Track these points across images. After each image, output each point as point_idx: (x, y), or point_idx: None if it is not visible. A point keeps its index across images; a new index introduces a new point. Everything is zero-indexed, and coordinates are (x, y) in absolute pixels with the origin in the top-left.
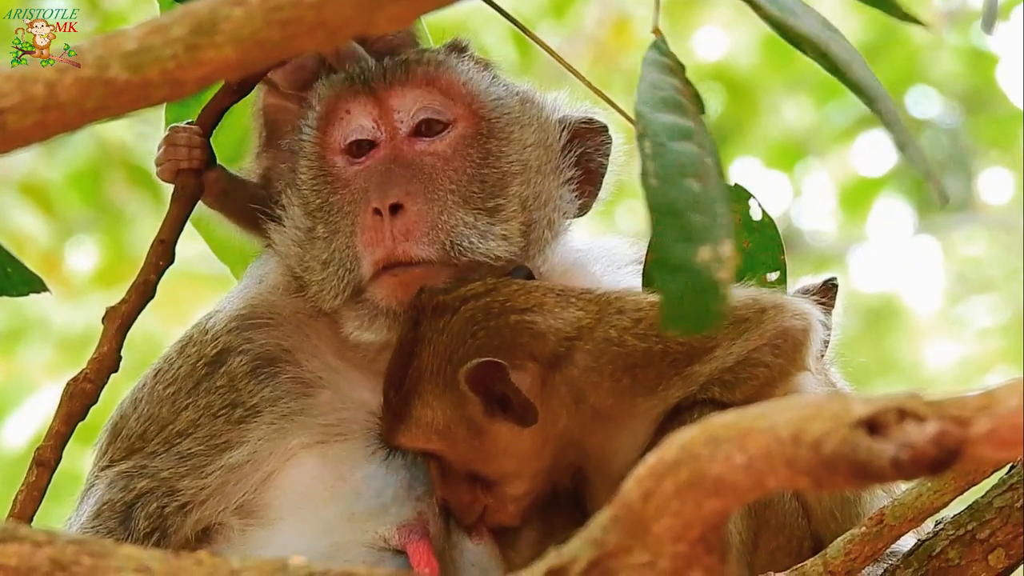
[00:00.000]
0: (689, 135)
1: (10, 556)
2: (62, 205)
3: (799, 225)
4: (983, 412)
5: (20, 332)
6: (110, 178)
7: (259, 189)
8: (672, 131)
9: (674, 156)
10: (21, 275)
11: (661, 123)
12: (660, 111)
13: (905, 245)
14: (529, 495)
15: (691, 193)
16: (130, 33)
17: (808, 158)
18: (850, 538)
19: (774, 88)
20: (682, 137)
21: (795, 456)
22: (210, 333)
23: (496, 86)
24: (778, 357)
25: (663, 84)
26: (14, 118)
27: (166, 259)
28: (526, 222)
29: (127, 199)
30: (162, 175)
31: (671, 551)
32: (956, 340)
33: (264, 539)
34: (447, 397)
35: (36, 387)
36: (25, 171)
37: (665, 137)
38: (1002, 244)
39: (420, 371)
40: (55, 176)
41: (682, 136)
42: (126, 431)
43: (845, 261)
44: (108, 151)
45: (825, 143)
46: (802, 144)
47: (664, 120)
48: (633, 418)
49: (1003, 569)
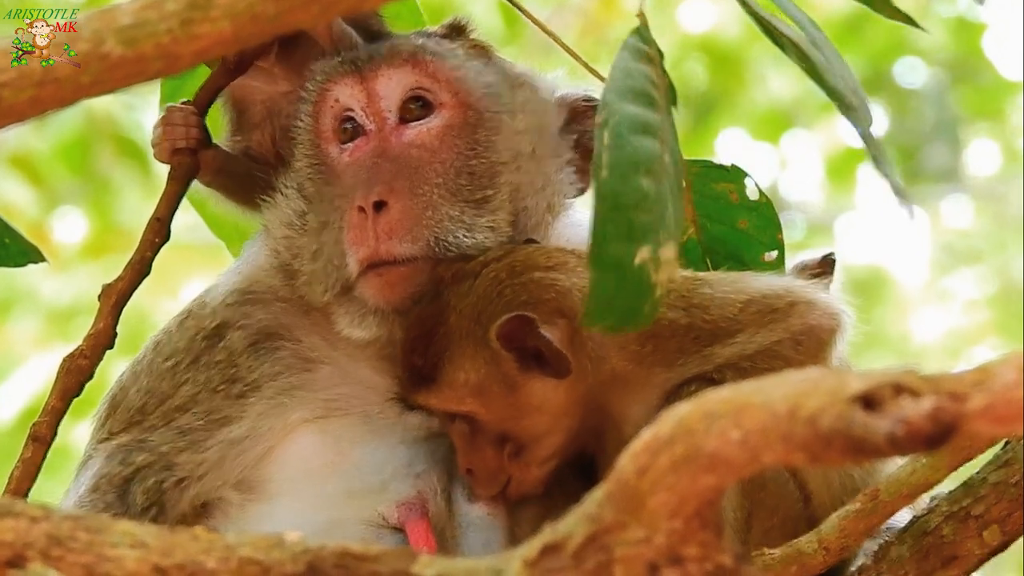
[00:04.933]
0: (652, 130)
1: (6, 531)
2: (50, 176)
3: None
4: (979, 387)
5: (8, 303)
6: (98, 149)
7: (252, 165)
8: (634, 124)
9: (631, 150)
10: (18, 245)
11: (624, 114)
12: (627, 101)
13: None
14: (554, 459)
15: (640, 191)
16: (125, 7)
17: (794, 129)
18: (845, 514)
19: (760, 59)
20: (643, 132)
21: (791, 431)
22: (208, 307)
23: (487, 72)
24: (799, 353)
25: (636, 73)
26: (9, 93)
27: (162, 236)
28: (515, 210)
29: (115, 170)
30: (159, 155)
31: (666, 527)
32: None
33: (263, 514)
34: (480, 356)
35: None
36: (14, 143)
37: (626, 129)
38: (989, 215)
39: (448, 335)
40: (43, 147)
41: (644, 131)
42: (125, 404)
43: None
44: (96, 123)
45: (811, 114)
46: (788, 115)
47: (629, 111)
48: (648, 388)
49: (997, 545)
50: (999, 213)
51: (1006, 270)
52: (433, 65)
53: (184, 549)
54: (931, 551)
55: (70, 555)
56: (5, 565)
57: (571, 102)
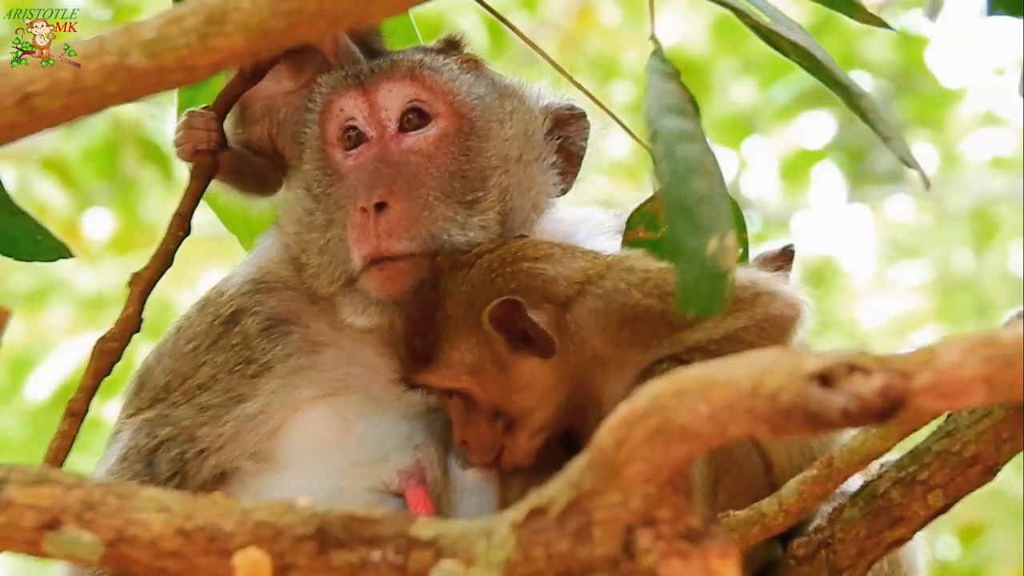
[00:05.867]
0: (692, 138)
1: (44, 497)
2: (80, 177)
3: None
4: (925, 366)
5: (44, 294)
6: (124, 153)
7: (257, 160)
8: (678, 135)
9: (682, 157)
10: (49, 242)
11: (669, 128)
12: (666, 116)
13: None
14: (543, 432)
15: (697, 190)
16: (148, 23)
17: (753, 134)
18: (802, 479)
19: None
20: (686, 140)
21: (754, 406)
22: (225, 295)
23: (479, 84)
24: (763, 339)
25: (666, 91)
26: (43, 101)
27: (184, 230)
28: (504, 210)
29: (139, 172)
30: (181, 155)
31: (641, 492)
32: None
33: (275, 482)
34: (474, 338)
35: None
36: (47, 147)
37: (673, 140)
38: (929, 211)
39: (445, 319)
40: (74, 151)
41: (686, 139)
42: (150, 383)
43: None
44: (122, 129)
45: (768, 121)
46: (748, 121)
47: (671, 125)
48: (625, 367)
49: (940, 507)
50: (938, 210)
51: (945, 261)
52: (430, 79)
53: (205, 513)
54: (880, 513)
55: (101, 518)
56: (43, 527)
57: (555, 110)
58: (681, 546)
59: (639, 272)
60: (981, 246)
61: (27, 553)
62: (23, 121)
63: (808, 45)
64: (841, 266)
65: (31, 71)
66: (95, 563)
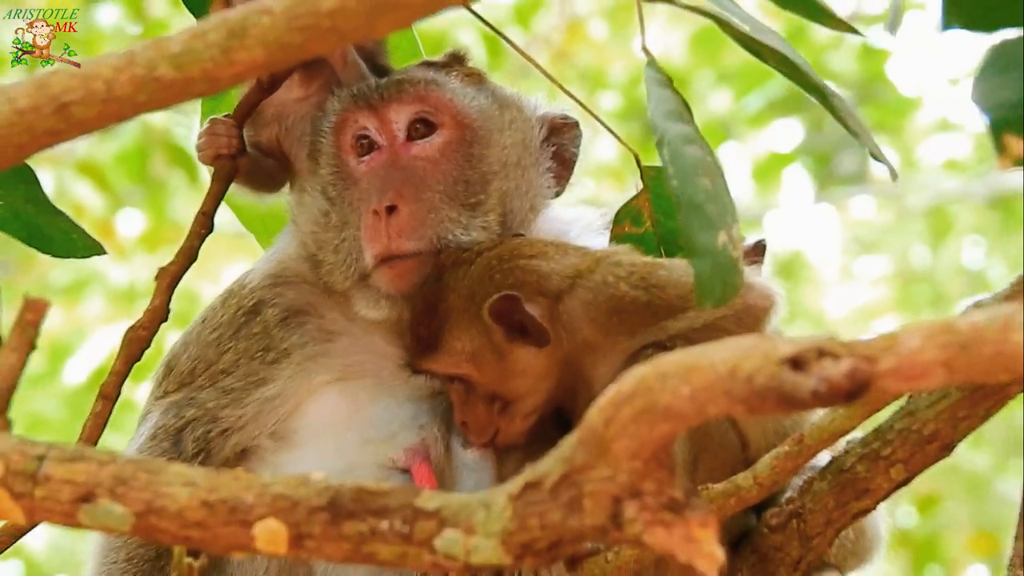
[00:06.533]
0: (693, 140)
1: (79, 473)
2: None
3: None
4: (888, 351)
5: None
6: (153, 158)
7: (270, 162)
8: (682, 137)
9: (687, 158)
10: (84, 240)
11: (673, 132)
12: (670, 121)
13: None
14: (535, 414)
15: (704, 189)
16: (175, 38)
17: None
18: (775, 455)
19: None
20: (689, 142)
21: (731, 388)
22: (247, 288)
23: (480, 96)
24: (739, 327)
25: (666, 97)
26: (79, 110)
27: (207, 228)
28: (504, 212)
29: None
30: (203, 159)
31: (628, 467)
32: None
33: (292, 459)
34: (474, 328)
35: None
36: (83, 152)
37: (679, 143)
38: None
39: (448, 311)
40: (107, 156)
41: (689, 141)
42: (177, 368)
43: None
44: (152, 135)
45: (742, 127)
46: (724, 128)
47: (675, 129)
48: (612, 353)
49: (902, 480)
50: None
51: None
52: (435, 92)
53: (227, 487)
54: (847, 485)
55: (132, 492)
56: (79, 500)
57: (550, 120)
58: (664, 516)
59: (626, 266)
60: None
61: (64, 524)
62: (61, 128)
63: (786, 51)
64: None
65: (67, 81)
66: (126, 532)
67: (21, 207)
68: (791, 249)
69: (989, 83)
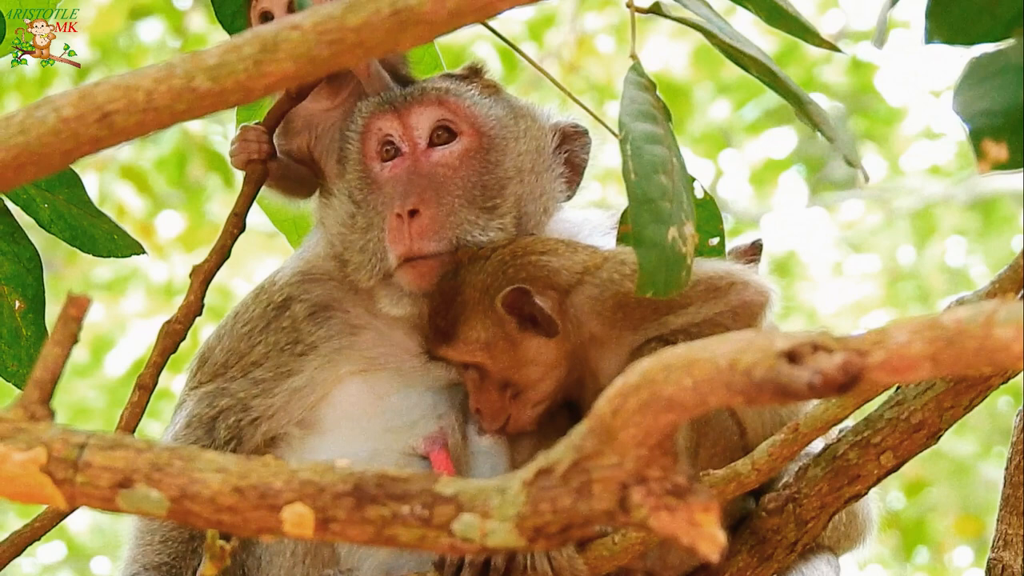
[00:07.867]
0: (659, 140)
1: (118, 460)
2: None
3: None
4: (878, 345)
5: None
6: (192, 163)
7: (301, 169)
8: (647, 137)
9: (649, 157)
10: (125, 240)
11: (639, 131)
12: (638, 121)
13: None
14: (544, 403)
15: (661, 186)
16: (211, 51)
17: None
18: (772, 443)
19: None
20: (654, 142)
21: (731, 380)
22: (277, 284)
23: (497, 106)
24: (737, 322)
25: (640, 99)
26: (120, 118)
27: (239, 228)
28: (519, 215)
29: (205, 179)
30: (235, 163)
31: (634, 454)
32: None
33: (318, 446)
34: (488, 319)
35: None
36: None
37: (642, 142)
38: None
39: (464, 303)
40: (148, 161)
41: (654, 141)
42: (211, 360)
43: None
44: (190, 141)
45: (740, 135)
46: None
47: (641, 128)
48: (618, 346)
49: (892, 467)
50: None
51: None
52: (455, 102)
53: (257, 473)
54: (840, 471)
55: (167, 478)
56: (117, 486)
57: (562, 128)
58: (669, 501)
59: (631, 265)
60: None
61: (103, 508)
62: (104, 135)
63: (766, 62)
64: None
65: (110, 92)
66: (162, 516)
67: (66, 209)
68: (786, 249)
69: (968, 94)
